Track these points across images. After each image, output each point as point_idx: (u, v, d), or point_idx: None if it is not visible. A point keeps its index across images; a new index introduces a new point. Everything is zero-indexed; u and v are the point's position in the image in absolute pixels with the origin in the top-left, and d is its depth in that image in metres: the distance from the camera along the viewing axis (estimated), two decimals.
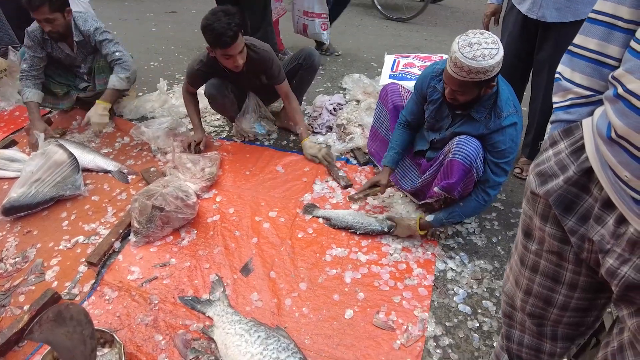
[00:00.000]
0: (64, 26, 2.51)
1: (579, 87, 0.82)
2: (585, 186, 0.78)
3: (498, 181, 1.71)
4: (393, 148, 2.05)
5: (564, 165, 0.81)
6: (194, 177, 2.25)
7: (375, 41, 4.46)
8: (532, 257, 0.96)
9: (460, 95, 1.61)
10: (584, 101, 0.82)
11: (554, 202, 0.82)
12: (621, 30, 0.74)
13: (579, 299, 0.92)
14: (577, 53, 0.83)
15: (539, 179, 0.87)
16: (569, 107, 0.85)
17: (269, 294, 1.73)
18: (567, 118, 0.84)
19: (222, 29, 2.04)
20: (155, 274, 1.82)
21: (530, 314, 1.02)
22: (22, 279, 1.82)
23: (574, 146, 0.80)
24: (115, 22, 5.17)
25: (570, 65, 0.84)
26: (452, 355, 1.52)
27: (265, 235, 2.01)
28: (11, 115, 3.06)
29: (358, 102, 2.97)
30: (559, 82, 0.87)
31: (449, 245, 1.96)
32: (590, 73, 0.80)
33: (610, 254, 0.75)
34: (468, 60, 1.45)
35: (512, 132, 1.65)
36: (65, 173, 2.25)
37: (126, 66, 2.64)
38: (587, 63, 0.81)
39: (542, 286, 0.96)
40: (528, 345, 1.09)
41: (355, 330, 1.59)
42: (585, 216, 0.79)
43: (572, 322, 0.97)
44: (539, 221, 0.90)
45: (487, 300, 1.72)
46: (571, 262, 0.88)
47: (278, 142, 2.71)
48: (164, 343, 1.55)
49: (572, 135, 0.81)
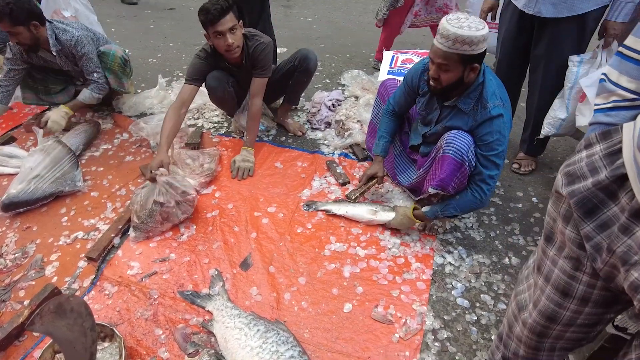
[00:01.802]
0: (32, 39, 2.41)
1: (623, 90, 0.79)
2: (614, 193, 0.74)
3: (490, 174, 1.72)
4: (383, 137, 2.07)
5: (595, 167, 0.77)
6: (193, 172, 2.26)
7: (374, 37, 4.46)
8: (548, 264, 0.92)
9: (443, 73, 1.61)
10: (628, 104, 0.79)
11: (576, 203, 0.79)
12: None
13: (589, 314, 0.89)
14: (627, 55, 0.79)
15: (567, 179, 0.83)
16: (610, 109, 0.82)
17: (268, 288, 1.74)
18: (607, 121, 0.81)
19: (210, 6, 2.07)
20: (154, 269, 1.82)
21: (531, 329, 0.99)
22: (22, 274, 1.82)
23: (609, 149, 0.76)
24: (113, 19, 5.16)
25: (619, 67, 0.80)
26: (451, 348, 1.53)
27: (264, 230, 2.02)
28: (9, 112, 3.06)
29: (357, 98, 2.98)
30: (603, 84, 0.84)
31: (447, 239, 1.97)
32: (638, 76, 0.77)
33: (637, 266, 0.71)
34: (455, 27, 1.49)
35: (498, 123, 1.66)
36: (64, 169, 2.25)
37: (101, 88, 2.66)
38: (636, 66, 0.77)
39: (550, 299, 0.92)
40: (524, 356, 1.07)
41: (354, 324, 1.60)
42: (606, 224, 0.76)
43: (574, 337, 0.95)
44: (562, 223, 0.86)
45: (485, 294, 1.73)
46: (587, 273, 0.84)
47: (277, 138, 2.72)
48: (163, 337, 1.56)
49: (609, 138, 0.77)
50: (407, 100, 1.98)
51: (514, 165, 2.43)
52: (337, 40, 4.41)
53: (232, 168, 2.40)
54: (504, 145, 1.70)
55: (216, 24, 2.10)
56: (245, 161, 2.38)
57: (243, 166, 2.36)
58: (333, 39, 4.44)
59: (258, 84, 2.40)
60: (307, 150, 2.57)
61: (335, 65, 3.78)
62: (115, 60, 2.71)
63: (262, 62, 2.35)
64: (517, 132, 2.50)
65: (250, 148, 2.45)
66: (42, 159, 2.23)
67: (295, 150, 2.57)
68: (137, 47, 4.25)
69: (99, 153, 2.60)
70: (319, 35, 4.60)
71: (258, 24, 2.85)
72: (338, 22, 5.02)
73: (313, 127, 2.79)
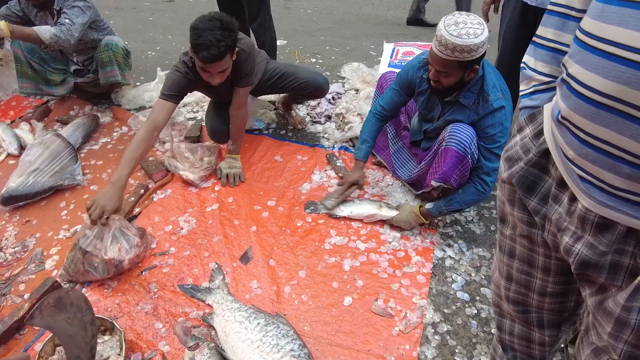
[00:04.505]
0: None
1: (540, 75, 0.87)
2: (545, 167, 0.82)
3: (492, 167, 1.72)
4: (366, 141, 2.01)
5: (527, 149, 0.84)
6: (192, 166, 2.25)
7: (374, 30, 4.43)
8: (508, 242, 0.99)
9: (444, 78, 1.62)
10: (545, 87, 0.86)
11: (517, 182, 0.86)
12: (574, 19, 0.79)
13: (554, 283, 0.94)
14: (538, 43, 0.87)
15: (507, 163, 0.90)
16: (532, 93, 0.89)
17: (269, 281, 1.74)
18: (531, 104, 0.88)
19: (208, 43, 1.80)
20: (154, 262, 1.82)
21: (514, 301, 1.04)
22: (22, 268, 1.82)
23: (536, 130, 0.83)
24: (111, 12, 5.12)
25: (534, 54, 0.89)
26: (450, 341, 1.53)
27: (264, 224, 2.02)
28: (8, 104, 3.05)
29: (357, 91, 2.96)
30: (523, 71, 0.91)
31: (448, 233, 1.97)
32: (550, 61, 0.85)
33: (566, 231, 0.77)
34: (453, 37, 1.47)
35: (500, 116, 1.66)
36: (63, 163, 2.24)
37: (65, 31, 2.42)
38: (546, 52, 0.86)
39: (520, 271, 0.98)
40: (519, 335, 1.10)
41: (354, 317, 1.60)
42: (546, 196, 0.82)
43: (553, 307, 0.99)
44: (509, 206, 0.93)
45: (485, 287, 1.73)
46: (541, 246, 0.90)
47: (277, 131, 2.71)
48: (164, 330, 1.56)
49: (535, 120, 0.84)
50: (401, 99, 1.95)
51: None
52: (337, 32, 4.38)
53: (218, 175, 2.26)
54: (506, 137, 1.70)
55: (207, 65, 1.89)
56: (232, 168, 2.26)
57: (232, 172, 2.25)
58: (333, 31, 4.41)
59: (242, 94, 2.19)
60: (307, 144, 2.56)
61: (335, 57, 3.76)
62: (119, 51, 2.70)
63: (244, 72, 2.12)
64: None
65: (236, 155, 2.31)
66: (41, 153, 2.22)
67: (295, 144, 2.56)
68: (135, 39, 4.22)
69: (98, 147, 2.59)
70: (319, 27, 4.57)
71: (257, 16, 2.83)
72: (338, 14, 4.99)
73: (313, 121, 2.78)
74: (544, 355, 1.11)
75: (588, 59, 0.65)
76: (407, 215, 1.92)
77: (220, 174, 2.27)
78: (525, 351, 1.12)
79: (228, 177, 2.26)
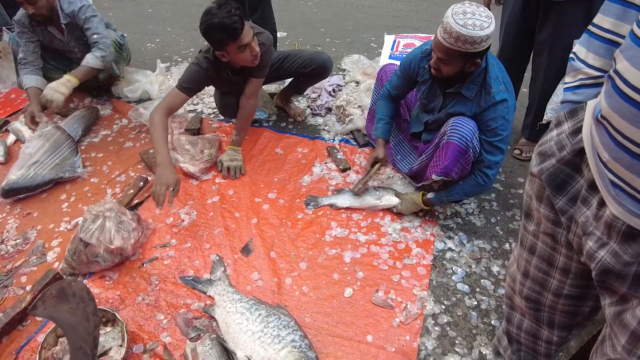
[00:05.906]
0: (48, 8, 2.43)
1: (589, 68, 0.80)
2: (578, 167, 0.77)
3: (494, 160, 1.71)
4: (382, 119, 2.04)
5: (562, 145, 0.80)
6: (193, 158, 2.25)
7: (375, 22, 4.41)
8: (530, 238, 0.96)
9: (444, 65, 1.60)
10: (592, 82, 0.80)
11: (546, 180, 0.82)
12: (637, 8, 0.70)
13: (572, 286, 0.92)
14: (593, 32, 0.79)
15: (539, 158, 0.86)
16: (577, 87, 0.83)
17: (270, 273, 1.75)
18: (574, 99, 0.82)
19: (227, 21, 1.86)
20: (155, 254, 1.83)
21: (526, 298, 1.02)
22: (24, 260, 1.83)
23: (575, 127, 0.78)
24: (110, 4, 5.08)
25: (587, 45, 0.80)
26: (451, 332, 1.54)
27: (265, 216, 2.02)
28: (7, 97, 3.04)
29: (357, 83, 2.95)
30: (571, 62, 0.84)
31: (448, 225, 1.97)
32: (603, 54, 0.77)
33: (591, 236, 0.75)
34: (459, 26, 1.45)
35: (502, 109, 1.65)
36: (63, 155, 2.24)
37: (102, 46, 2.56)
38: (601, 43, 0.78)
39: (537, 269, 0.96)
40: (527, 330, 1.09)
41: (355, 309, 1.61)
42: (575, 197, 0.79)
43: (567, 310, 0.97)
44: (536, 201, 0.90)
45: (485, 279, 1.73)
46: (564, 246, 0.87)
47: (277, 124, 2.70)
48: (165, 322, 1.57)
49: (576, 116, 0.79)
50: (405, 84, 1.96)
51: (516, 151, 2.42)
52: (337, 24, 4.35)
53: (219, 168, 2.27)
54: (508, 131, 1.69)
55: (239, 38, 1.91)
56: (234, 160, 2.27)
57: (233, 165, 2.25)
58: (333, 23, 4.38)
59: (256, 84, 2.23)
60: (308, 136, 2.56)
61: (336, 49, 3.74)
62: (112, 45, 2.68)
63: (262, 63, 2.16)
64: (519, 118, 2.48)
65: (238, 147, 2.32)
66: (41, 145, 2.22)
67: (296, 136, 2.55)
68: (135, 32, 4.19)
69: (98, 139, 2.59)
70: (320, 19, 4.54)
71: (258, 8, 2.81)
72: (339, 6, 4.95)
73: (313, 113, 2.77)
74: (550, 353, 1.10)
75: (638, 55, 0.59)
76: (410, 204, 1.94)
77: (220, 166, 2.27)
78: (531, 346, 1.12)
79: (229, 170, 2.26)
